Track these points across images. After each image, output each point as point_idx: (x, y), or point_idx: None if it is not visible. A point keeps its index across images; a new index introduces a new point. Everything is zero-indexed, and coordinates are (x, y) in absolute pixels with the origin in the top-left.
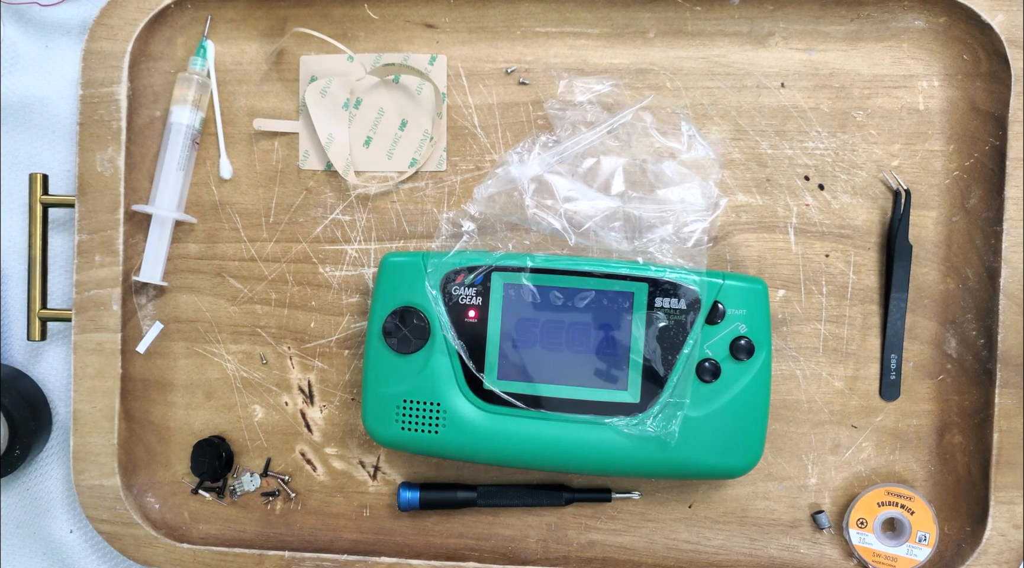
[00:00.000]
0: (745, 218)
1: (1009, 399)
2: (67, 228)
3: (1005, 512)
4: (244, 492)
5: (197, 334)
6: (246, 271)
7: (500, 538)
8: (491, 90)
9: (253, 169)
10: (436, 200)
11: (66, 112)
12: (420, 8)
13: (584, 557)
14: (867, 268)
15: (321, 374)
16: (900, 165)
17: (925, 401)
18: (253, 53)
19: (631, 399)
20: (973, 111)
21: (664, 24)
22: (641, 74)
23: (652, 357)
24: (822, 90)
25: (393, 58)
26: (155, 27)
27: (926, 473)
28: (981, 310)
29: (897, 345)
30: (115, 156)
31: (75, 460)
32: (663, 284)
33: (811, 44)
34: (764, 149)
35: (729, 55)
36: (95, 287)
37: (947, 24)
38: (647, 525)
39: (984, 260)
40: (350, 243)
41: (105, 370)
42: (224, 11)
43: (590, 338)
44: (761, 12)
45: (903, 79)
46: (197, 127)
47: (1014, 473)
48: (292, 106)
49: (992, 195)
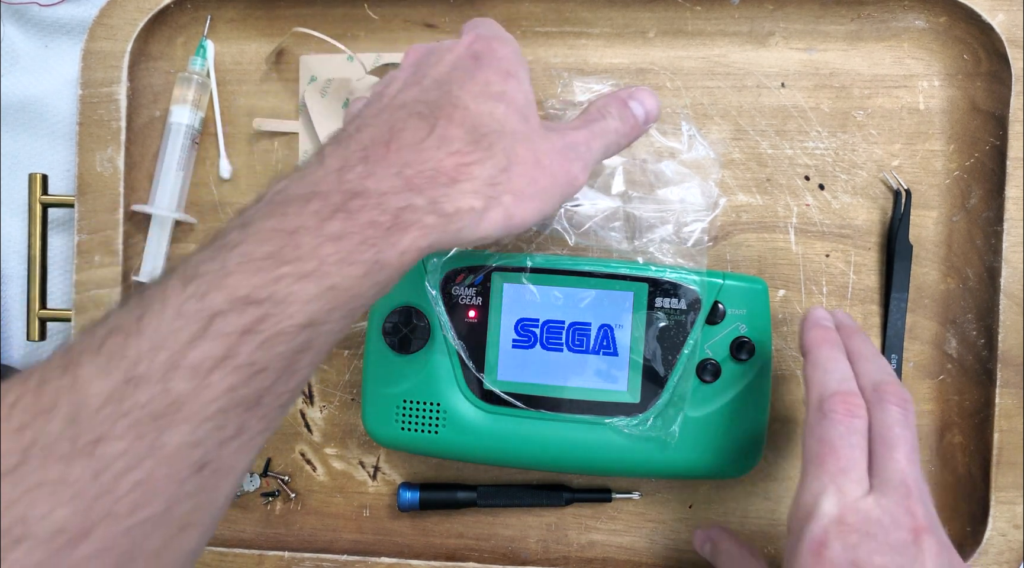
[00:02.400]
0: (745, 218)
1: (1009, 399)
2: (67, 228)
3: (1005, 512)
4: (243, 492)
5: None
6: None
7: (500, 538)
8: None
9: (253, 169)
10: None
11: (66, 112)
12: (420, 8)
13: (584, 557)
14: (867, 268)
15: (321, 374)
16: (900, 165)
17: (925, 401)
18: (253, 53)
19: (631, 399)
20: (973, 111)
21: (664, 24)
22: (641, 74)
23: (652, 357)
24: (822, 90)
25: (393, 58)
26: (155, 27)
27: (926, 473)
28: (981, 310)
29: (897, 345)
30: (115, 156)
31: None
32: (663, 284)
33: (811, 44)
34: (764, 149)
35: (729, 55)
36: (95, 287)
37: (947, 24)
38: (647, 525)
39: (984, 260)
40: None
41: None
42: (224, 11)
43: (590, 338)
44: (761, 12)
45: (903, 79)
46: (197, 127)
47: (1014, 473)
48: (292, 106)
49: (992, 195)
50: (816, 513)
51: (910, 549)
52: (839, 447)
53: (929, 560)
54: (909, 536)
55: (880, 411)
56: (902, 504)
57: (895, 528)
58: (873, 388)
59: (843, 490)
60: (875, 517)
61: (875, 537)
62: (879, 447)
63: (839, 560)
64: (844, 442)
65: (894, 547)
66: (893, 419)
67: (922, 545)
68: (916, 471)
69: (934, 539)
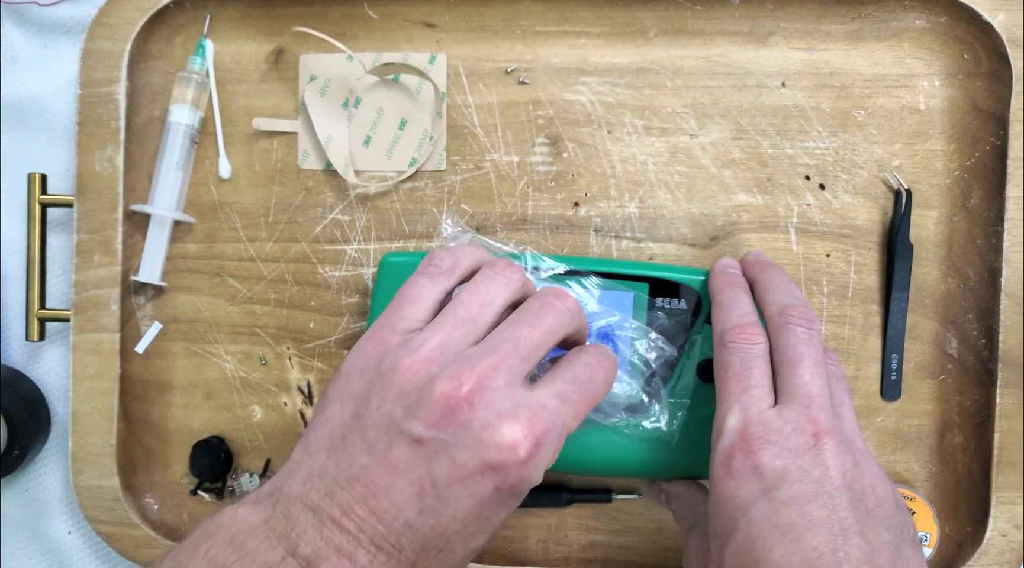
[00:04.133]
0: (746, 218)
1: (1010, 399)
2: (66, 228)
3: (1006, 512)
4: (243, 493)
5: (196, 334)
6: (245, 271)
7: (500, 538)
8: (491, 89)
9: (252, 169)
10: (436, 200)
11: (65, 111)
12: (420, 7)
13: (584, 558)
14: (868, 268)
15: (321, 375)
16: (901, 165)
17: (926, 401)
18: (252, 52)
19: (631, 399)
20: (974, 111)
21: (664, 23)
22: (641, 73)
23: (652, 357)
24: (823, 89)
25: (393, 57)
26: (154, 26)
27: (927, 473)
28: (982, 310)
29: (898, 345)
30: (114, 156)
31: (74, 461)
32: (663, 284)
33: (812, 43)
34: (765, 148)
35: (730, 54)
36: (94, 287)
37: (948, 24)
38: (648, 526)
39: (985, 260)
40: (349, 243)
41: (104, 370)
42: (223, 10)
43: (590, 338)
44: (762, 11)
45: (904, 79)
46: (196, 127)
47: (1015, 473)
48: (291, 106)
49: (993, 195)
50: (723, 431)
51: (811, 451)
52: (739, 371)
53: (830, 459)
54: (811, 440)
55: (784, 333)
56: (804, 413)
57: (796, 434)
58: (779, 313)
59: (746, 406)
60: (776, 426)
61: (776, 443)
62: (783, 366)
63: (742, 468)
64: (744, 366)
65: (794, 450)
66: (796, 338)
67: (823, 446)
68: (820, 383)
69: (835, 441)
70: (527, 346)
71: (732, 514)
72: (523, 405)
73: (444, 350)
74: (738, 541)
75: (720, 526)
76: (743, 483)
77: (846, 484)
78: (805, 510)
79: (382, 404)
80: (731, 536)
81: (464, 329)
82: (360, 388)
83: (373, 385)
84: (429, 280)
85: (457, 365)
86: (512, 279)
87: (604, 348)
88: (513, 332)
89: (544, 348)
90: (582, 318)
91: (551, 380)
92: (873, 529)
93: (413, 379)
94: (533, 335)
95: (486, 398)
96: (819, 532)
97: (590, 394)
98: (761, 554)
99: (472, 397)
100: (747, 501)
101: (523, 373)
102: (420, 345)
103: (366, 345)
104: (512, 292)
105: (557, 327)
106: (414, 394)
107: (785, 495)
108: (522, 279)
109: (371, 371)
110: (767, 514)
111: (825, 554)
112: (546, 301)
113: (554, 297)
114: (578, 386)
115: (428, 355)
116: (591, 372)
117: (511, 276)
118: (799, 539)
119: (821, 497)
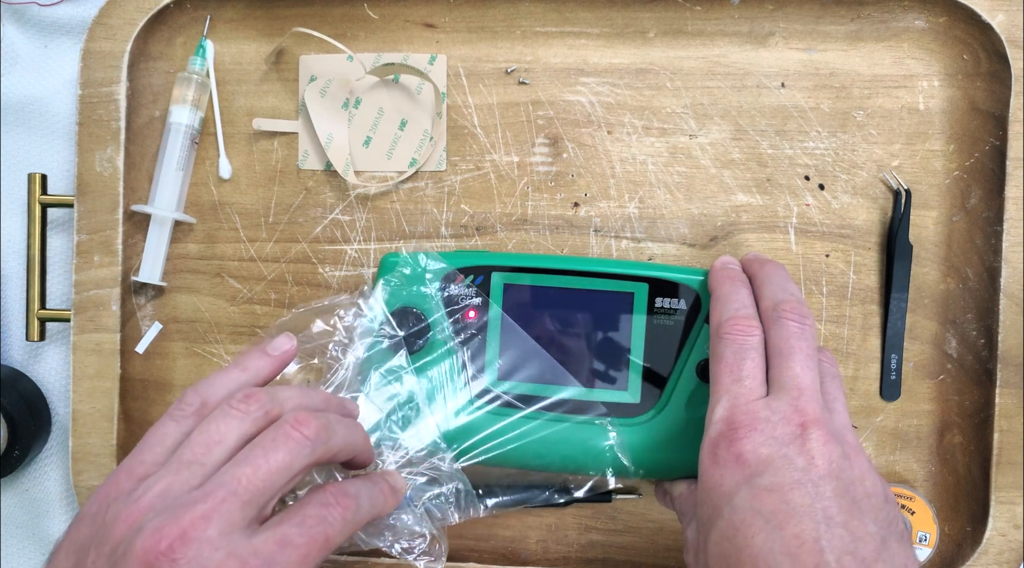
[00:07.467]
0: (745, 218)
1: (1009, 399)
2: (66, 228)
3: (1005, 512)
4: None
5: (196, 334)
6: (245, 271)
7: (500, 538)
8: (491, 90)
9: (252, 169)
10: (436, 200)
11: (65, 112)
12: (420, 8)
13: (584, 558)
14: (867, 268)
15: (321, 375)
16: (900, 165)
17: (925, 401)
18: (252, 53)
19: (631, 399)
20: (973, 111)
21: (664, 24)
22: (641, 74)
23: (652, 357)
24: (822, 90)
25: (393, 58)
26: (154, 27)
27: (926, 473)
28: (981, 310)
29: (897, 345)
30: (114, 156)
31: (74, 461)
32: (663, 284)
33: (811, 44)
34: (764, 149)
35: (729, 55)
36: (94, 287)
37: (947, 24)
38: (648, 525)
39: (984, 260)
40: (350, 243)
41: (104, 370)
42: (223, 11)
43: (590, 338)
44: (761, 12)
45: (903, 79)
46: (196, 127)
47: (1014, 473)
48: (291, 106)
49: (992, 195)
50: (712, 420)
51: (796, 440)
52: (732, 362)
53: (816, 448)
54: (797, 429)
55: (778, 327)
56: (792, 404)
57: (783, 423)
58: (773, 307)
59: (735, 396)
60: (763, 416)
61: (761, 432)
62: (774, 358)
63: (726, 456)
64: (737, 357)
65: (779, 439)
66: (789, 332)
67: (809, 436)
68: (811, 376)
69: (823, 431)
70: (249, 489)
71: (717, 502)
72: (234, 555)
73: (165, 497)
74: (722, 528)
75: (706, 514)
76: (728, 471)
77: (832, 474)
78: (788, 498)
79: (97, 559)
80: (715, 523)
81: (188, 472)
82: (84, 540)
83: (95, 537)
84: (174, 422)
85: (163, 516)
86: (249, 411)
87: (350, 485)
88: (235, 474)
89: (275, 486)
90: (339, 441)
91: (277, 523)
92: (859, 520)
93: (127, 533)
94: (258, 475)
95: (192, 550)
96: (802, 520)
97: (320, 536)
98: (744, 541)
99: (173, 552)
100: (731, 489)
101: (246, 517)
102: (142, 493)
103: (103, 489)
104: (249, 425)
105: (291, 461)
106: (121, 549)
107: (768, 482)
108: (264, 409)
109: (98, 520)
110: (750, 501)
111: (807, 542)
112: (281, 433)
113: (293, 426)
114: (306, 528)
115: (147, 504)
116: (324, 512)
117: (247, 408)
118: (781, 526)
119: (805, 485)
